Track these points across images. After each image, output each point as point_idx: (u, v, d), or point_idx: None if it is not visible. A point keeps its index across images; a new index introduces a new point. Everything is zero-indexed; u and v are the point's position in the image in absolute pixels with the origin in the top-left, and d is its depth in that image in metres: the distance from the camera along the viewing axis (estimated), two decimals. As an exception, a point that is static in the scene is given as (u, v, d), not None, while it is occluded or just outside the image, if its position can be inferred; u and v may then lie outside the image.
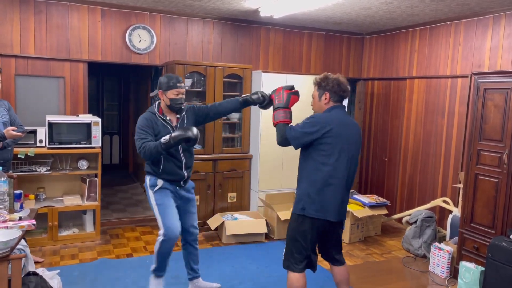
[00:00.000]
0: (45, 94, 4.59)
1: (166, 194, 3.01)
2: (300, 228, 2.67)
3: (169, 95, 2.96)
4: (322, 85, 2.78)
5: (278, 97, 2.90)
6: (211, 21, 5.22)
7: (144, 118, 2.96)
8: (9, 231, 2.41)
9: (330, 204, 2.62)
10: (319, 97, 2.79)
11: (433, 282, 3.83)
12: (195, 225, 3.23)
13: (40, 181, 4.51)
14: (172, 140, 2.76)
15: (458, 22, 4.71)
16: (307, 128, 2.62)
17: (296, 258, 2.69)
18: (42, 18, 4.48)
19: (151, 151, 2.80)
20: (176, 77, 2.98)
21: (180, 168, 3.05)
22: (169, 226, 2.92)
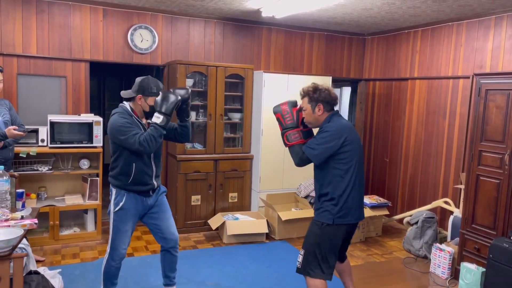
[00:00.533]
0: (47, 94, 4.60)
1: (125, 217, 2.86)
2: (327, 235, 2.69)
3: (150, 101, 2.79)
4: (314, 97, 2.79)
5: (288, 116, 2.83)
6: (212, 21, 5.22)
7: (122, 117, 2.76)
8: (11, 230, 2.41)
9: (354, 207, 2.70)
10: (313, 109, 2.80)
11: (434, 283, 3.83)
12: (172, 231, 3.01)
13: (42, 180, 4.52)
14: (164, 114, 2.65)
15: (460, 23, 4.71)
16: (327, 143, 2.65)
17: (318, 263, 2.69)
18: (44, 17, 4.49)
19: (153, 137, 2.65)
20: (157, 83, 2.81)
21: (151, 177, 2.88)
22: (114, 249, 2.88)
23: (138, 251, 4.24)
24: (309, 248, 2.72)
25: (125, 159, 2.82)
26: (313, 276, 2.69)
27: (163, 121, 2.67)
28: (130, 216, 2.88)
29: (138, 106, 2.84)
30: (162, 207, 2.99)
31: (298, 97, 5.23)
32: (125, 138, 2.70)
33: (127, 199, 2.85)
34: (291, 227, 4.75)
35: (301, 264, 2.75)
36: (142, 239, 4.58)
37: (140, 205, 2.90)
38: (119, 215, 2.87)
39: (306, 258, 2.72)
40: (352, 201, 2.68)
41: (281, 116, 2.85)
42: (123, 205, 2.85)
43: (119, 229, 2.87)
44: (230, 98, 5.17)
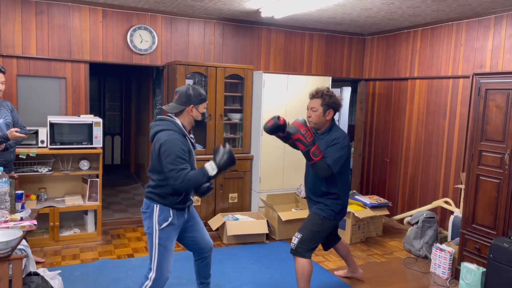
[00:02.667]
0: (46, 95, 4.60)
1: (172, 234, 2.67)
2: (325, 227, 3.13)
3: (201, 109, 2.68)
4: (329, 102, 3.03)
5: (308, 134, 2.93)
6: (212, 22, 5.22)
7: (179, 141, 2.55)
8: (10, 231, 2.41)
9: (347, 204, 3.20)
10: (324, 113, 3.05)
11: (434, 283, 3.82)
12: (206, 239, 2.93)
13: (42, 182, 4.52)
14: (218, 169, 2.52)
15: (460, 22, 4.70)
16: (346, 154, 3.02)
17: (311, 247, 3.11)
18: (44, 18, 4.49)
19: (195, 183, 2.49)
20: (200, 89, 2.71)
21: (190, 193, 2.75)
22: (163, 273, 2.65)
23: (138, 252, 4.24)
24: (308, 235, 3.09)
25: None
26: (305, 257, 3.09)
27: (215, 174, 2.52)
28: (175, 233, 2.71)
29: (189, 118, 2.68)
30: (196, 219, 2.89)
31: (297, 97, 5.24)
32: (173, 168, 2.49)
33: (174, 214, 2.65)
34: (291, 227, 4.74)
35: (295, 246, 3.11)
36: (142, 240, 4.58)
37: (182, 220, 2.74)
38: (167, 232, 2.63)
39: (303, 242, 3.09)
40: (347, 199, 3.18)
41: (302, 136, 2.93)
42: (172, 220, 2.64)
43: (167, 248, 2.63)
44: (230, 98, 5.17)
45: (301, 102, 5.10)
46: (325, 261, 4.19)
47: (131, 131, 7.96)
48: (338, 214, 3.12)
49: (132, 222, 5.10)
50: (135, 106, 7.77)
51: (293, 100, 5.06)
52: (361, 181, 6.31)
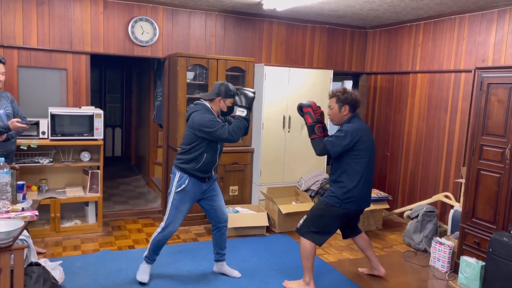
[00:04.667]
0: (47, 86, 4.60)
1: (184, 198, 3.27)
2: (329, 213, 3.25)
3: (228, 102, 3.26)
4: (342, 98, 3.23)
5: (318, 111, 3.32)
6: (213, 14, 5.19)
7: (207, 113, 3.20)
8: (11, 222, 2.42)
9: (361, 197, 3.23)
10: (339, 109, 3.25)
11: (433, 276, 3.84)
12: (224, 211, 3.47)
13: (43, 173, 4.53)
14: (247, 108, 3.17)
15: (463, 16, 4.67)
16: (344, 141, 3.13)
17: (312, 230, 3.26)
18: (45, 9, 4.47)
19: (240, 128, 3.14)
20: (233, 87, 3.27)
21: (212, 167, 3.32)
22: (169, 224, 3.28)
23: (139, 244, 4.25)
24: (311, 217, 3.30)
25: (200, 149, 3.20)
26: (306, 238, 3.27)
27: (247, 114, 3.17)
28: (189, 197, 3.28)
29: (217, 107, 3.27)
30: (216, 191, 3.43)
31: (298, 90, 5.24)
32: (215, 129, 3.12)
33: (189, 182, 3.24)
34: (292, 220, 4.76)
35: (299, 225, 3.35)
36: (143, 232, 4.60)
37: (197, 188, 3.29)
38: (180, 195, 3.26)
39: (305, 223, 3.31)
40: (360, 192, 3.20)
41: (312, 111, 3.29)
42: (185, 187, 3.24)
43: (177, 208, 3.27)
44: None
45: (303, 95, 5.09)
46: (324, 254, 4.21)
47: (132, 123, 7.96)
48: (344, 202, 3.19)
49: (132, 214, 5.12)
50: (136, 98, 7.76)
51: (295, 93, 5.05)
52: (361, 175, 6.31)
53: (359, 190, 3.19)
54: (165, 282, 3.44)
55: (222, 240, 3.52)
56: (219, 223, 3.46)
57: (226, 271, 3.61)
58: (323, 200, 3.30)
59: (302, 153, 5.18)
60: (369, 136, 3.25)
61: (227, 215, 3.51)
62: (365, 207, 3.36)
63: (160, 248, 3.39)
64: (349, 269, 3.89)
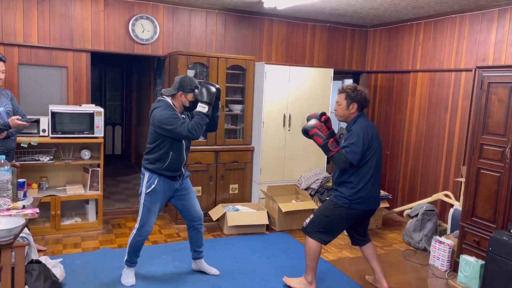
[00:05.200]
0: (48, 84, 4.59)
1: (155, 198, 3.20)
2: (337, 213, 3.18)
3: (190, 97, 3.12)
4: (351, 95, 3.19)
5: (323, 129, 3.17)
6: (214, 12, 5.19)
7: (167, 110, 3.07)
8: (12, 219, 2.43)
9: (370, 196, 3.17)
10: (347, 106, 3.20)
11: (433, 275, 3.85)
12: (197, 209, 3.40)
13: (43, 170, 4.53)
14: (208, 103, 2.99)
15: (463, 15, 4.67)
16: (363, 145, 3.09)
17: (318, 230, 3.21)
18: (45, 6, 4.46)
19: (200, 125, 2.99)
20: (194, 81, 3.13)
21: (181, 165, 3.24)
22: (144, 225, 3.23)
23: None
24: (318, 217, 3.25)
25: (164, 147, 3.11)
26: (312, 238, 3.22)
27: (208, 110, 3.01)
28: (160, 198, 3.22)
29: (179, 102, 3.15)
30: (187, 190, 3.36)
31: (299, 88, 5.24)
32: (174, 127, 2.99)
33: (158, 182, 3.16)
34: (292, 218, 4.77)
35: (306, 224, 3.30)
36: (143, 230, 4.60)
37: (168, 188, 3.23)
38: (151, 196, 3.18)
39: (312, 223, 3.25)
40: (370, 191, 3.15)
41: (318, 130, 3.15)
42: (154, 187, 3.16)
43: (149, 208, 3.21)
44: (231, 89, 5.16)
45: (303, 93, 5.10)
46: (324, 252, 4.21)
47: (132, 121, 7.96)
48: (354, 202, 3.13)
49: (132, 212, 5.12)
50: (136, 96, 7.76)
51: (295, 91, 5.05)
52: (361, 174, 6.31)
53: (369, 190, 3.14)
54: (166, 280, 3.44)
55: (198, 238, 3.48)
56: (194, 221, 3.40)
57: (205, 269, 3.58)
58: (332, 200, 3.24)
59: (302, 151, 5.19)
60: (377, 134, 3.21)
61: (201, 213, 3.44)
62: (375, 207, 3.27)
63: (139, 250, 3.33)
64: (349, 267, 3.90)
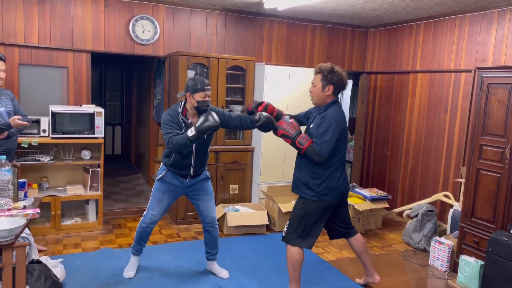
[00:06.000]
0: (48, 84, 4.60)
1: (162, 187, 3.32)
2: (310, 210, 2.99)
3: (197, 97, 3.08)
4: (328, 77, 2.94)
5: (290, 127, 2.98)
6: (214, 13, 5.20)
7: (168, 114, 3.13)
8: (13, 219, 2.43)
9: (338, 185, 3.00)
10: (322, 88, 2.97)
11: (432, 275, 3.86)
12: (210, 211, 3.44)
13: (43, 171, 4.53)
14: (197, 132, 2.89)
15: (463, 16, 4.68)
16: (334, 136, 2.87)
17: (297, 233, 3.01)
18: (46, 7, 4.47)
19: (180, 144, 2.96)
20: (202, 80, 3.09)
21: (189, 166, 3.25)
22: (147, 212, 3.36)
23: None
24: (293, 220, 3.04)
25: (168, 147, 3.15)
26: (293, 245, 3.01)
27: (193, 136, 2.92)
28: (167, 189, 3.31)
29: (189, 103, 3.14)
30: (204, 191, 3.40)
31: (299, 89, 5.25)
32: (163, 133, 3.09)
33: (166, 174, 3.30)
34: (291, 219, 4.77)
35: (284, 233, 3.09)
36: (143, 230, 4.61)
37: (177, 182, 3.30)
38: (160, 183, 3.33)
39: (289, 228, 3.05)
40: (337, 181, 2.99)
41: (285, 131, 2.99)
42: (162, 176, 3.30)
43: (155, 195, 3.34)
44: (232, 90, 5.16)
45: (303, 94, 5.09)
46: (324, 253, 4.22)
47: (132, 122, 7.96)
48: (322, 194, 2.95)
49: (133, 212, 5.13)
50: (136, 97, 7.76)
51: (295, 92, 5.05)
52: (361, 174, 6.33)
53: (335, 179, 2.97)
54: (166, 280, 3.45)
55: (210, 240, 3.52)
56: (205, 223, 3.46)
57: (215, 270, 3.60)
58: (300, 197, 3.05)
59: (302, 152, 5.19)
60: (345, 123, 3.01)
61: (214, 217, 3.44)
62: (345, 192, 3.11)
63: (144, 238, 3.44)
64: (349, 268, 3.90)
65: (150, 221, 3.34)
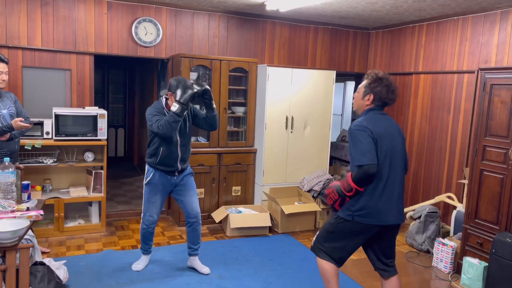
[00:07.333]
0: (51, 86, 4.62)
1: (152, 190, 3.44)
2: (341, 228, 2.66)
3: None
4: (371, 85, 2.64)
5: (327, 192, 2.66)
6: (217, 15, 5.21)
7: (153, 107, 3.34)
8: (17, 221, 2.44)
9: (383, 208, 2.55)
10: (363, 96, 2.66)
11: (436, 277, 3.84)
12: (194, 206, 3.51)
13: (47, 173, 4.55)
14: (181, 104, 3.09)
15: (465, 17, 4.68)
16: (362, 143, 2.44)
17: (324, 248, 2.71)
18: (49, 10, 4.49)
19: (169, 122, 3.10)
20: (184, 81, 3.23)
21: (176, 161, 3.38)
22: (145, 214, 3.49)
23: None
24: (323, 233, 2.75)
25: (155, 143, 3.34)
26: (320, 257, 2.73)
27: (178, 109, 3.10)
28: (157, 189, 3.43)
29: (171, 101, 3.33)
30: (187, 186, 3.50)
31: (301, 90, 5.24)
32: (150, 124, 3.22)
33: (154, 175, 3.40)
34: (294, 220, 4.77)
35: (313, 243, 2.81)
36: (146, 232, 4.61)
37: (165, 181, 3.42)
38: (148, 187, 3.45)
39: (317, 240, 2.78)
40: (379, 202, 2.51)
41: (333, 197, 2.62)
42: (150, 179, 3.42)
43: (147, 199, 3.47)
44: (234, 91, 5.17)
45: (305, 95, 5.10)
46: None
47: (135, 124, 7.98)
48: (357, 215, 2.54)
49: (135, 213, 5.13)
50: (139, 99, 7.78)
51: (297, 93, 5.05)
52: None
53: (377, 201, 2.50)
54: (169, 282, 3.45)
55: (193, 235, 3.59)
56: (189, 218, 3.52)
57: (196, 265, 3.66)
58: (335, 213, 2.73)
59: (304, 153, 5.19)
60: (389, 135, 2.55)
61: (198, 211, 3.53)
62: (392, 222, 2.57)
63: (147, 238, 3.59)
64: (351, 269, 3.89)
65: (149, 222, 3.49)
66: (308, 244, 4.45)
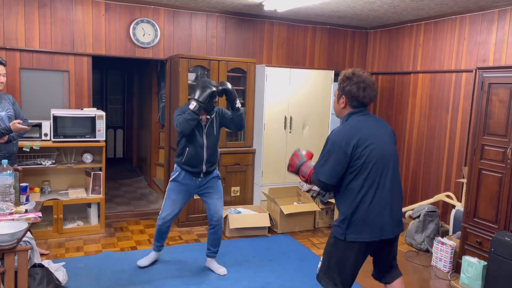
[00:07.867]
0: (49, 88, 4.61)
1: (175, 188, 3.51)
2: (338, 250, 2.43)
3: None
4: (340, 86, 2.40)
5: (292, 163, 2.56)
6: (215, 15, 5.21)
7: (180, 109, 3.41)
8: (15, 223, 2.44)
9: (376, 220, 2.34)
10: (338, 99, 2.43)
11: (435, 276, 3.85)
12: (217, 209, 3.57)
13: (45, 174, 4.54)
14: (198, 102, 3.21)
15: (463, 16, 4.68)
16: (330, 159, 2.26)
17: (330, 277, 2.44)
18: (47, 11, 4.49)
19: (186, 119, 3.20)
20: (204, 81, 3.33)
21: (201, 162, 3.44)
22: (162, 211, 3.57)
23: (141, 245, 4.26)
24: (325, 258, 2.47)
25: (182, 144, 3.45)
26: (324, 286, 2.44)
27: (195, 107, 3.21)
28: (181, 189, 3.51)
29: None
30: (213, 189, 3.58)
31: (299, 90, 5.24)
32: (175, 123, 3.32)
33: (179, 174, 3.49)
34: (293, 220, 4.77)
35: (318, 270, 2.51)
36: (145, 233, 4.61)
37: (190, 182, 3.50)
38: (172, 185, 3.53)
39: (322, 267, 2.48)
40: (370, 215, 2.27)
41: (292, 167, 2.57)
42: (175, 177, 3.51)
43: (169, 196, 3.55)
44: (233, 92, 5.16)
45: (304, 95, 5.10)
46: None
47: (133, 125, 7.98)
48: (350, 232, 2.30)
49: (135, 215, 5.13)
50: (137, 100, 7.78)
51: (296, 93, 5.06)
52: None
53: (366, 213, 2.26)
54: (168, 283, 3.45)
55: (213, 238, 3.65)
56: (211, 220, 3.59)
57: (212, 267, 3.71)
58: (331, 232, 2.47)
59: (303, 153, 5.18)
60: (376, 139, 2.30)
61: (220, 216, 3.58)
62: (388, 236, 2.36)
63: (161, 235, 3.65)
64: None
65: (164, 219, 3.55)
66: (308, 244, 4.46)
